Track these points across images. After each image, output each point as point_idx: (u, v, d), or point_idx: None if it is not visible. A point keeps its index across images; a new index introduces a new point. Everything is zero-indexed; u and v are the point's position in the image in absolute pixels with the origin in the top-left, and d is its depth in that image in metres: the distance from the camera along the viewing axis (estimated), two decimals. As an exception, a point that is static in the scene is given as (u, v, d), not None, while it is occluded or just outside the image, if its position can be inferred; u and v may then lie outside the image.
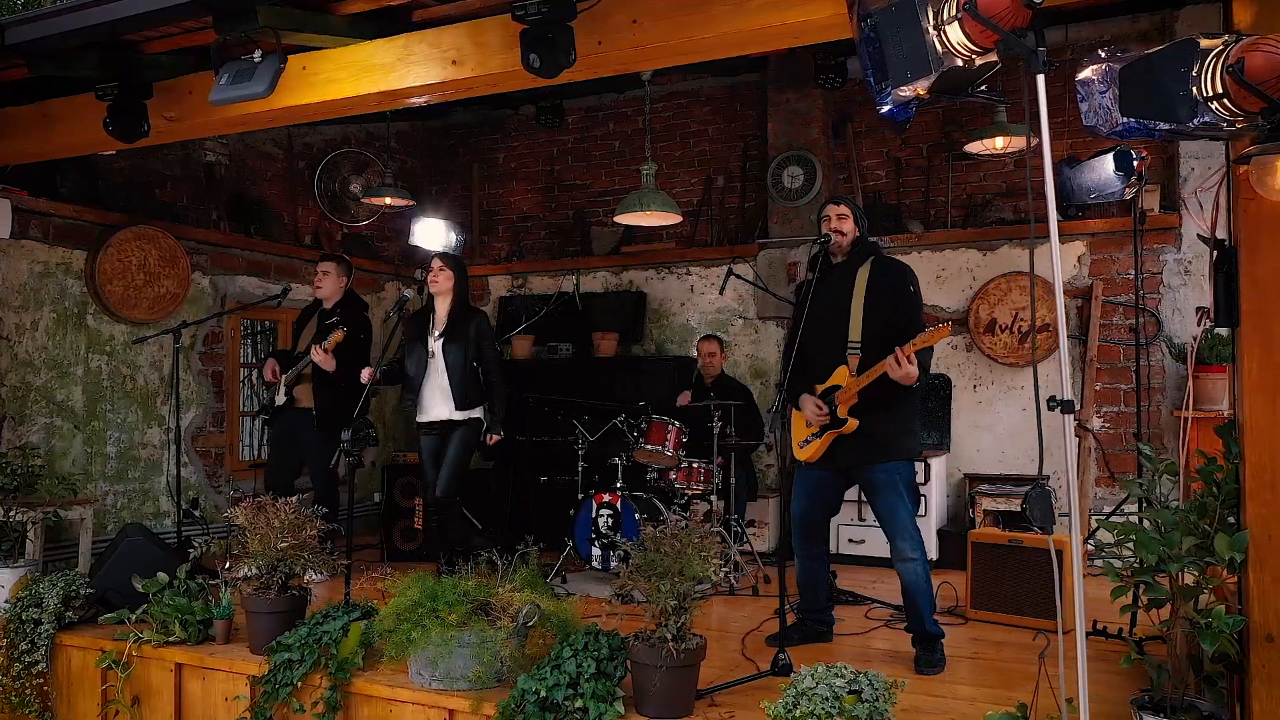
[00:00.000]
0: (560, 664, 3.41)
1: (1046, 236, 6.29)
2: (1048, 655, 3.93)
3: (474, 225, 8.33)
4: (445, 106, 8.24)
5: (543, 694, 3.32)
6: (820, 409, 4.03)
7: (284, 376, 5.71)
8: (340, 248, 7.81)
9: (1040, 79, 2.25)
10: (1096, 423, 6.06)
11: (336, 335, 5.33)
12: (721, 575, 3.35)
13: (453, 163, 8.62)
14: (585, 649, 3.45)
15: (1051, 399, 2.38)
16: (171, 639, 4.21)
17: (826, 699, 2.97)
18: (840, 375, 4.04)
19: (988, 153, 5.53)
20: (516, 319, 7.57)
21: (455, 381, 5.22)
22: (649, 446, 5.44)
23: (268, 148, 7.33)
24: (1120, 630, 4.23)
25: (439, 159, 8.66)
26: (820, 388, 4.10)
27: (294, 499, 4.16)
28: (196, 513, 6.16)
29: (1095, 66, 2.44)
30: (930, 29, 2.40)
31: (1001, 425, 6.50)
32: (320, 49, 3.83)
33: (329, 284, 5.79)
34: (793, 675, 3.12)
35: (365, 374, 5.17)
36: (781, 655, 3.63)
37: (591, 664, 3.38)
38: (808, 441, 4.16)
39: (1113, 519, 5.92)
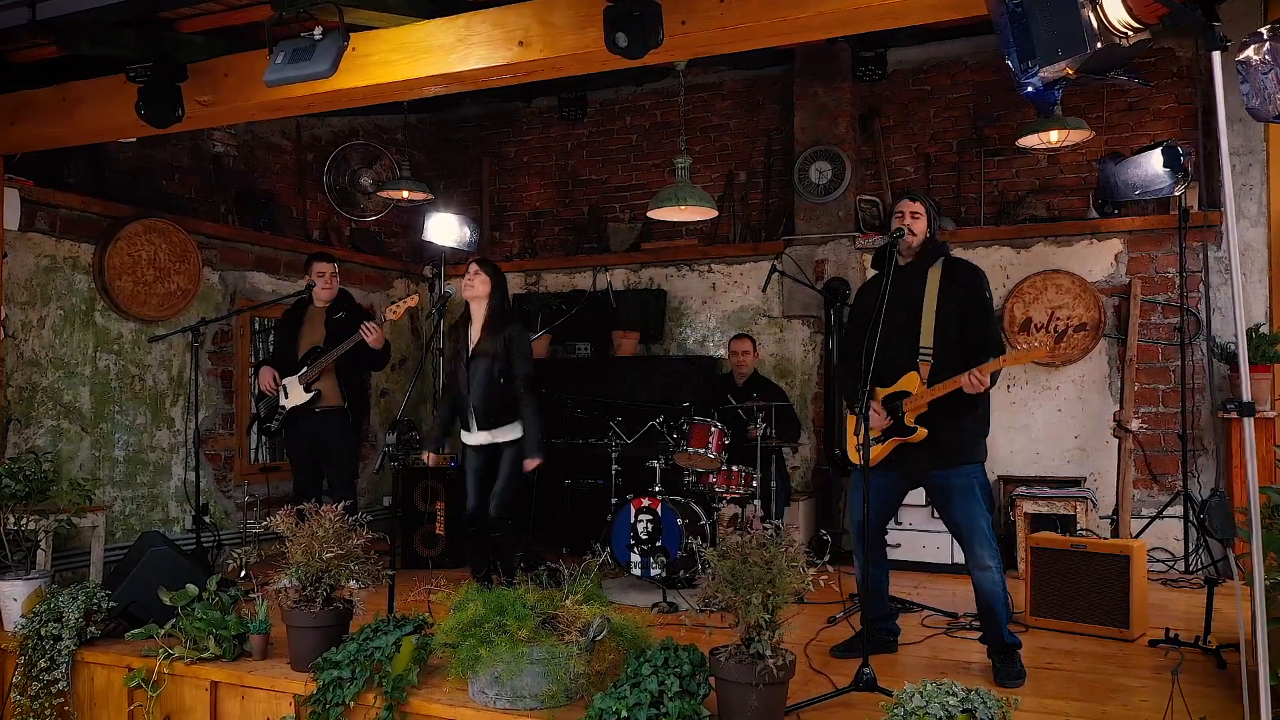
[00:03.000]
0: (640, 681, 3.22)
1: (1088, 234, 6.15)
2: (1089, 667, 3.80)
3: (485, 221, 8.10)
4: (455, 99, 8.01)
5: (624, 714, 3.12)
6: (881, 414, 3.89)
7: (299, 376, 5.43)
8: (348, 243, 7.57)
9: (1216, 56, 2.09)
10: (1136, 424, 5.95)
11: (410, 300, 5.06)
12: (819, 586, 3.16)
13: (462, 157, 8.38)
14: (665, 665, 3.26)
15: (1228, 401, 2.19)
16: (205, 655, 3.96)
17: (939, 719, 2.80)
18: (910, 381, 3.88)
19: (1042, 146, 5.39)
20: (533, 318, 7.35)
21: (478, 400, 4.86)
22: (691, 449, 5.25)
23: (276, 139, 7.06)
24: (1196, 639, 4.11)
25: (448, 153, 8.42)
26: (884, 391, 3.94)
27: (339, 505, 3.92)
28: (207, 518, 5.88)
29: (1256, 46, 2.29)
30: (1085, 4, 2.23)
31: (1036, 426, 6.37)
32: (374, 28, 3.61)
33: (335, 284, 5.57)
34: (897, 694, 2.95)
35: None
36: (866, 669, 3.45)
37: (674, 681, 3.19)
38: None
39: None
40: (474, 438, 4.94)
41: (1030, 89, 2.36)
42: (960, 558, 5.79)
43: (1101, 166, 5.76)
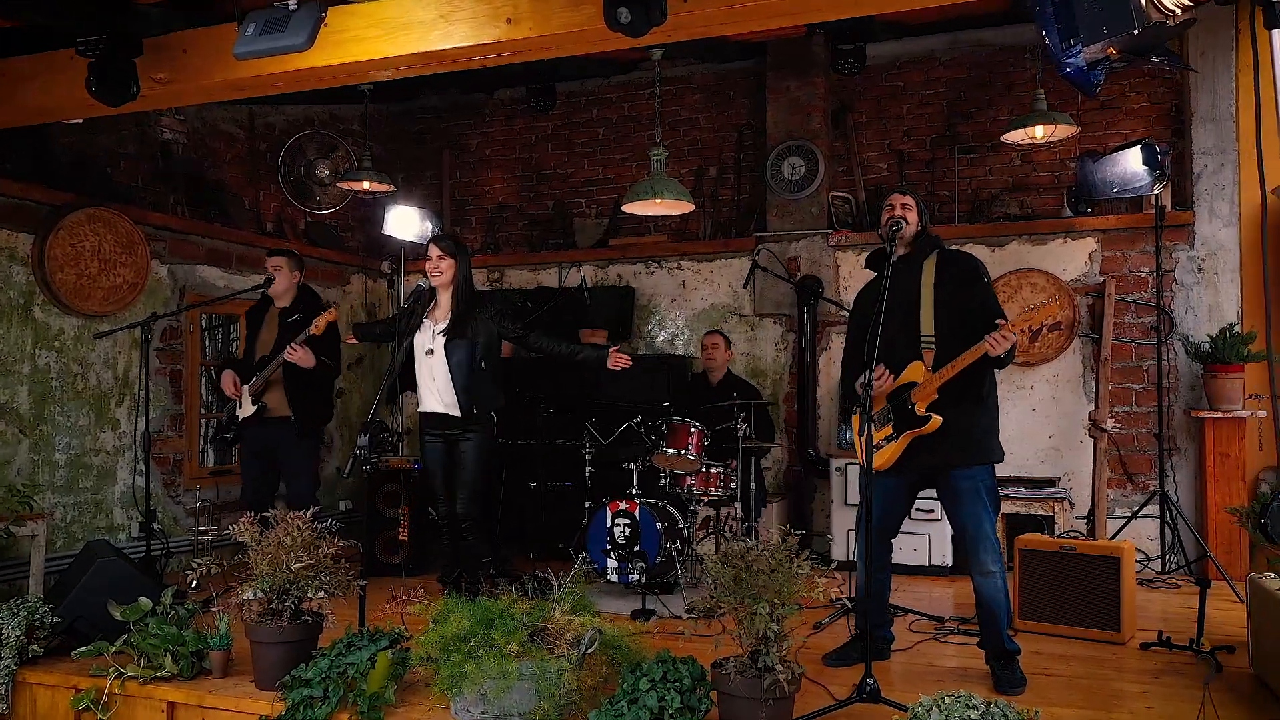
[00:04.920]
0: (638, 697, 3.04)
1: (1062, 232, 6.08)
2: (1087, 672, 3.69)
3: (445, 216, 7.84)
4: (415, 89, 7.78)
5: (622, 732, 2.95)
6: (884, 377, 3.75)
7: (247, 386, 5.15)
8: (304, 236, 7.26)
9: (1277, 35, 1.98)
10: (1110, 423, 5.92)
11: (329, 314, 4.81)
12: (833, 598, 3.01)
13: (421, 149, 8.11)
14: (664, 679, 3.08)
15: (1288, 398, 2.08)
16: (160, 674, 3.69)
17: (960, 733, 2.66)
18: (915, 371, 3.76)
19: (1028, 142, 5.32)
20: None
21: (460, 383, 4.65)
22: (670, 450, 5.07)
23: (228, 126, 6.74)
24: (1191, 641, 4.04)
25: (406, 145, 8.13)
26: (890, 386, 3.81)
27: (308, 512, 3.68)
28: (155, 525, 5.55)
29: (1305, 28, 2.17)
30: (1134, -21, 2.11)
31: (1010, 426, 6.26)
32: (348, 2, 3.37)
33: (282, 280, 5.23)
34: (912, 707, 2.81)
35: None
36: (870, 680, 3.31)
37: (675, 697, 3.01)
38: (880, 446, 3.85)
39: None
40: (431, 405, 4.75)
41: (1070, 70, 2.23)
42: (938, 559, 5.77)
43: (1080, 164, 5.72)
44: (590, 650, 3.25)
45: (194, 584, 5.04)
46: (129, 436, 5.77)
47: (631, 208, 5.71)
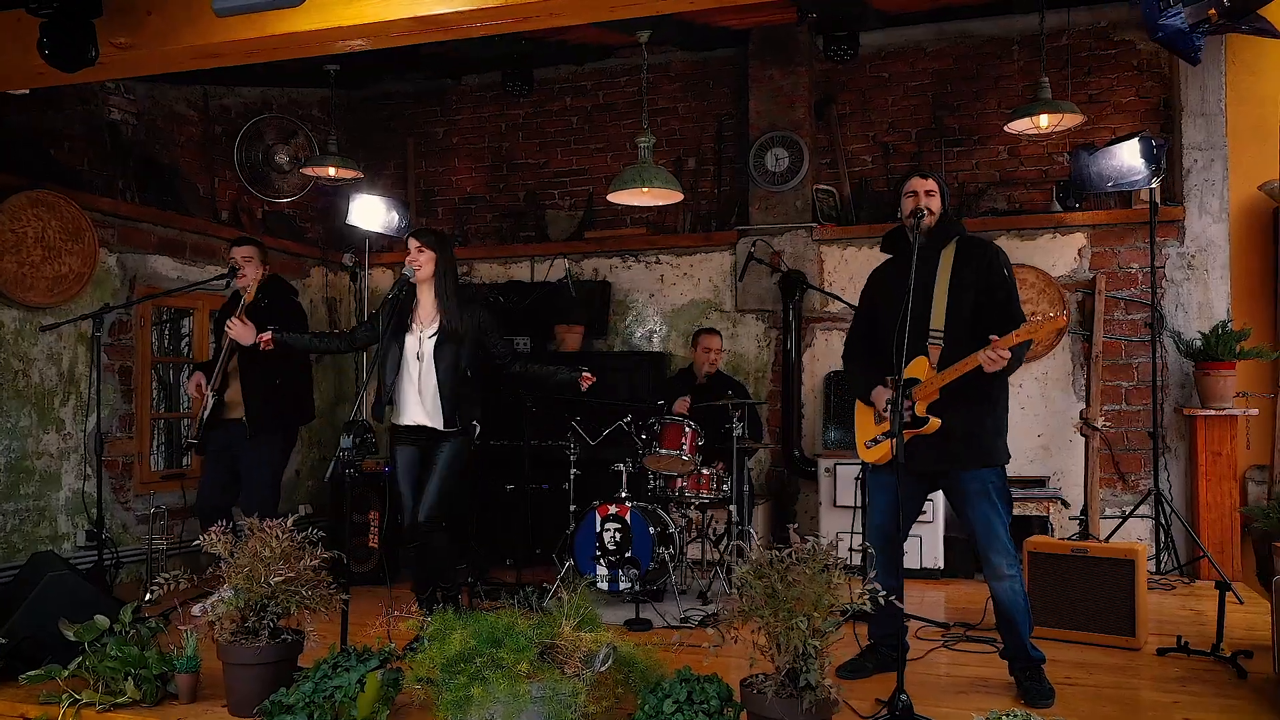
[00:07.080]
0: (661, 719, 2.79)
1: (1051, 228, 5.97)
2: (1112, 681, 3.50)
3: (411, 207, 7.50)
4: (377, 74, 7.42)
5: (648, 759, 2.70)
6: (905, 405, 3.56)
7: (209, 387, 4.76)
8: (261, 226, 6.86)
9: None
10: (1101, 421, 5.82)
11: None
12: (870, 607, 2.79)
13: (385, 137, 7.76)
14: (690, 700, 2.84)
15: None
16: (121, 700, 3.34)
17: (1023, 756, 2.46)
18: (919, 367, 3.56)
19: (1033, 130, 5.18)
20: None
21: (447, 391, 4.21)
22: (663, 451, 4.83)
23: (180, 108, 6.33)
24: (1213, 647, 3.91)
25: (368, 132, 7.77)
26: (894, 380, 3.61)
27: (287, 520, 3.37)
28: (104, 533, 5.16)
29: None
30: (1241, -68, 1.92)
31: (999, 425, 6.17)
32: (337, -40, 3.07)
33: (252, 271, 4.83)
34: (965, 727, 2.60)
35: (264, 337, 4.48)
36: (903, 695, 3.11)
37: (703, 719, 2.77)
38: (877, 441, 3.68)
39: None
40: (414, 418, 4.28)
41: (1164, 34, 2.03)
42: (930, 563, 5.62)
43: (1075, 157, 5.60)
44: (604, 668, 3.00)
45: (149, 597, 4.66)
46: (75, 438, 5.36)
47: (618, 196, 5.45)
